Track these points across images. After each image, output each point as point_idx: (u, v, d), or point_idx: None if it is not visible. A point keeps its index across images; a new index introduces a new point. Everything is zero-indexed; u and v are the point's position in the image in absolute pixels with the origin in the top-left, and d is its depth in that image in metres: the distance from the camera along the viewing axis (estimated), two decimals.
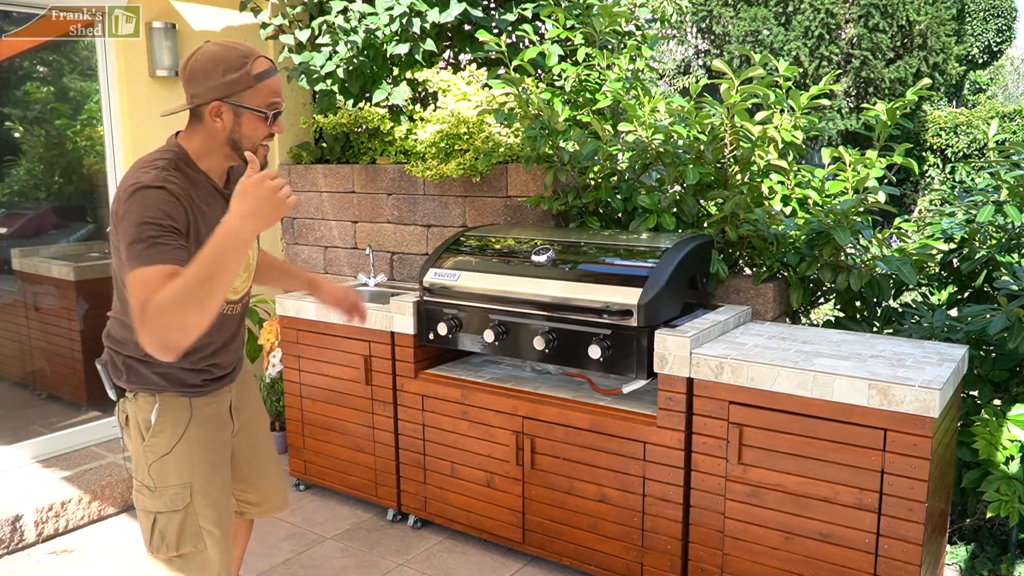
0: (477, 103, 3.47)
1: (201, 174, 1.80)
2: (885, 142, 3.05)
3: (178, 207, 1.67)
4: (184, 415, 1.90)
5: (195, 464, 1.90)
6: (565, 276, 2.69)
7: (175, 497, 1.88)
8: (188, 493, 1.89)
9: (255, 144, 1.79)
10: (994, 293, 3.06)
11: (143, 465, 1.88)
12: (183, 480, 1.88)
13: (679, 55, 12.86)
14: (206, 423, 1.94)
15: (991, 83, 19.28)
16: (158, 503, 1.88)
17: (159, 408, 1.87)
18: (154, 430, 1.87)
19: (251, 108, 1.74)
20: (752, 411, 2.33)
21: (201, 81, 1.73)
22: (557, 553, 2.84)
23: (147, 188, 1.65)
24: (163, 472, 1.87)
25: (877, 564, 2.18)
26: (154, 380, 1.87)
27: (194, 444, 1.90)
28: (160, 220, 1.62)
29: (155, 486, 1.87)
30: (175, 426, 1.88)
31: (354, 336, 3.26)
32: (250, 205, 1.49)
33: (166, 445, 1.88)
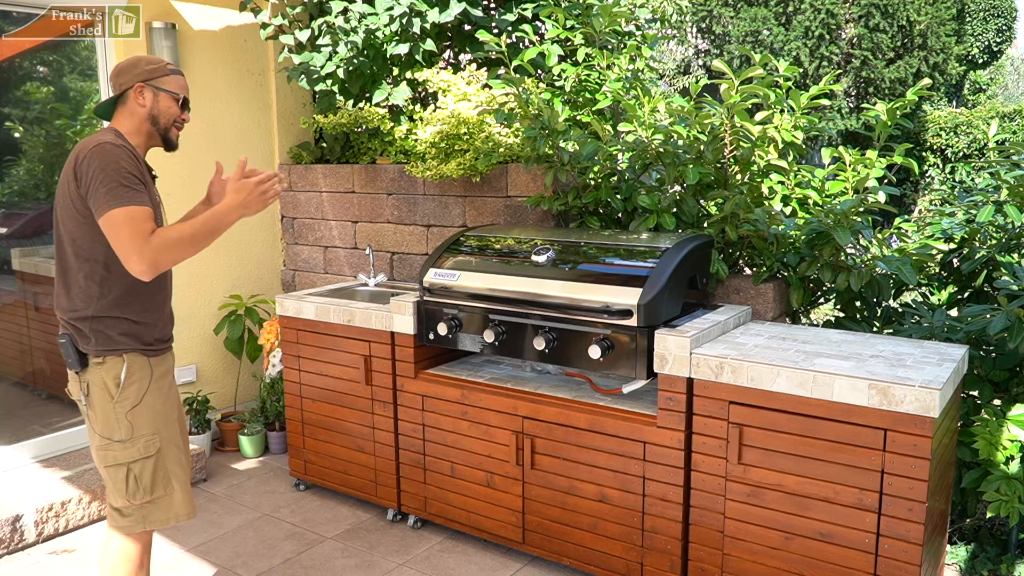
0: (477, 103, 3.47)
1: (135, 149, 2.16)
2: (885, 142, 3.05)
3: (136, 163, 2.08)
4: (147, 371, 2.18)
5: (159, 414, 2.19)
6: (565, 276, 2.69)
7: (147, 444, 2.16)
8: (158, 439, 2.18)
9: (170, 121, 2.22)
10: (994, 293, 3.06)
11: (114, 420, 2.14)
12: (153, 428, 2.17)
13: (679, 55, 12.85)
14: (162, 379, 2.23)
15: (991, 83, 19.27)
16: (131, 452, 2.15)
17: (127, 366, 2.14)
18: (124, 385, 2.14)
19: (166, 90, 2.20)
20: (752, 411, 2.33)
21: (127, 72, 2.18)
22: (557, 553, 2.84)
23: (113, 145, 2.04)
24: (135, 422, 2.14)
25: (877, 564, 2.18)
26: (121, 341, 2.13)
27: (157, 397, 2.19)
28: (132, 171, 2.04)
29: (128, 436, 2.14)
30: (141, 380, 2.16)
31: (354, 336, 3.26)
32: (243, 199, 2.12)
33: (136, 397, 2.15)
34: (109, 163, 2.01)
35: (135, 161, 2.08)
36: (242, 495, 3.62)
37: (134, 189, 2.02)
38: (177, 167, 3.93)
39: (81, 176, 2.02)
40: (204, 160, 4.04)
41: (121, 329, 2.14)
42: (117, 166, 2.01)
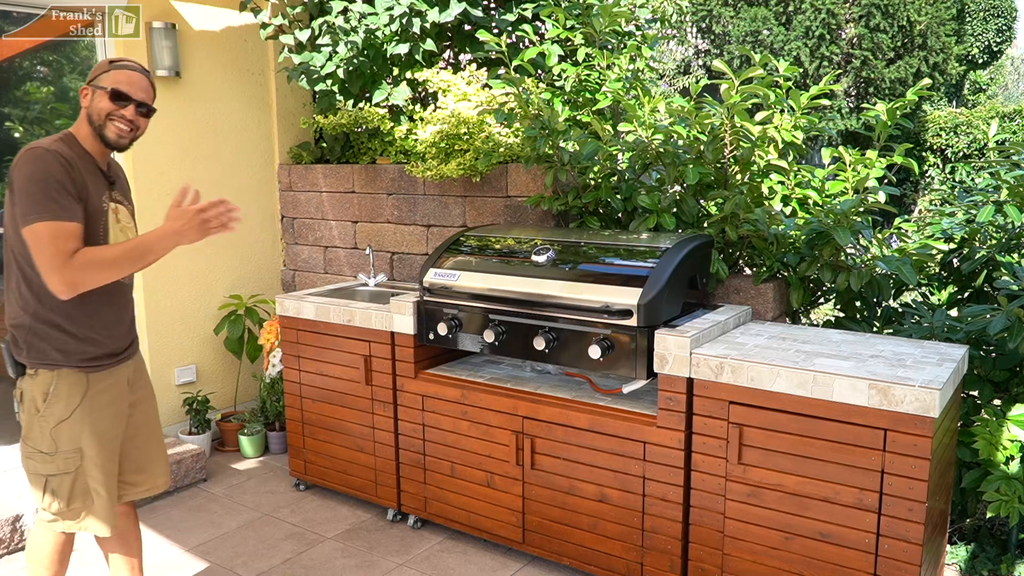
0: (477, 103, 3.47)
1: (86, 153, 2.13)
2: (885, 142, 3.05)
3: (70, 170, 2.00)
4: (80, 388, 2.12)
5: (86, 432, 2.13)
6: (565, 276, 2.69)
7: (67, 461, 2.13)
8: (79, 457, 2.14)
9: (102, 117, 2.10)
10: (994, 293, 3.06)
11: (38, 433, 2.12)
12: (75, 445, 2.12)
13: (679, 55, 12.85)
14: (101, 395, 2.16)
15: (991, 83, 19.27)
16: (50, 467, 2.12)
17: (56, 382, 2.10)
18: (50, 400, 2.10)
19: (99, 86, 2.11)
20: (752, 411, 2.33)
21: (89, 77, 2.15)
22: (557, 553, 2.84)
23: (45, 151, 1.99)
24: (58, 438, 2.11)
25: (877, 564, 2.18)
26: (53, 356, 2.09)
27: (87, 414, 2.13)
28: (63, 180, 1.97)
29: (50, 451, 2.11)
30: (70, 397, 2.11)
31: (354, 336, 3.26)
32: (179, 227, 2.00)
33: (61, 414, 2.11)
34: (37, 170, 1.94)
35: (67, 168, 2.00)
36: (242, 495, 3.62)
37: (60, 203, 1.94)
38: (177, 167, 3.93)
39: (12, 181, 1.97)
40: (204, 160, 4.04)
41: (56, 344, 2.08)
42: (45, 174, 1.94)
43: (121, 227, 2.19)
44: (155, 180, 3.85)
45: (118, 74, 2.13)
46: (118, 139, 2.13)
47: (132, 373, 2.30)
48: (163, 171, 3.88)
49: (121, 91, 2.11)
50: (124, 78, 2.12)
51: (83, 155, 2.11)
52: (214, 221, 2.00)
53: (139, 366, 2.36)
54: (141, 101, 2.15)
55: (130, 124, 2.14)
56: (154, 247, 2.01)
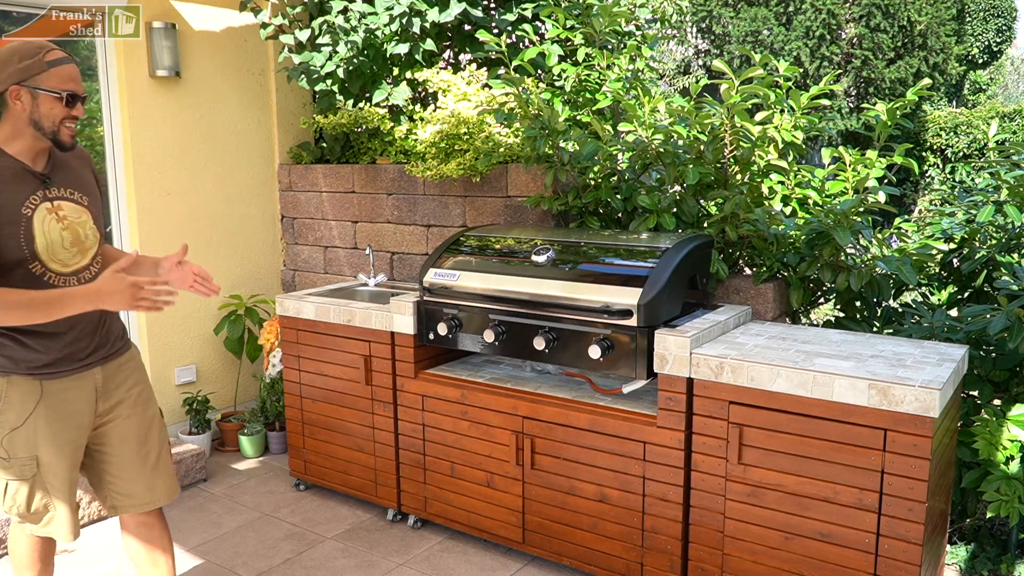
0: (477, 103, 3.47)
1: (8, 158, 1.99)
2: (885, 142, 3.05)
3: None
4: (33, 395, 2.05)
5: (42, 440, 2.07)
6: (565, 276, 2.69)
7: (23, 468, 2.08)
8: (35, 465, 2.09)
9: (56, 123, 1.98)
10: (994, 293, 3.06)
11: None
12: (29, 453, 2.07)
13: (679, 55, 12.85)
14: (58, 404, 2.09)
15: (991, 83, 19.27)
16: (8, 472, 2.08)
17: (7, 389, 2.04)
18: (2, 408, 2.04)
19: (45, 90, 1.95)
20: (752, 411, 2.33)
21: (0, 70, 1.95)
22: (557, 553, 2.84)
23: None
24: (11, 444, 2.06)
25: (877, 564, 2.18)
26: (2, 364, 2.03)
27: (41, 422, 2.06)
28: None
29: (5, 456, 2.07)
30: (23, 404, 2.05)
31: (354, 336, 3.26)
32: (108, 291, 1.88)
33: (16, 420, 2.05)
34: None
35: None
36: (242, 495, 3.62)
37: None
38: (176, 167, 3.93)
39: None
40: (204, 160, 4.05)
41: (5, 351, 2.02)
42: None
43: (65, 224, 2.05)
44: (155, 180, 3.85)
45: (61, 71, 1.97)
46: (72, 140, 2.03)
47: (102, 381, 2.17)
48: (163, 171, 3.88)
49: (73, 91, 1.99)
50: (69, 74, 1.98)
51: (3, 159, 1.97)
52: (147, 300, 1.88)
53: (117, 372, 2.22)
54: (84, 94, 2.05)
55: (76, 121, 2.03)
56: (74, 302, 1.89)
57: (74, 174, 2.14)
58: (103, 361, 2.18)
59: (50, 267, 2.02)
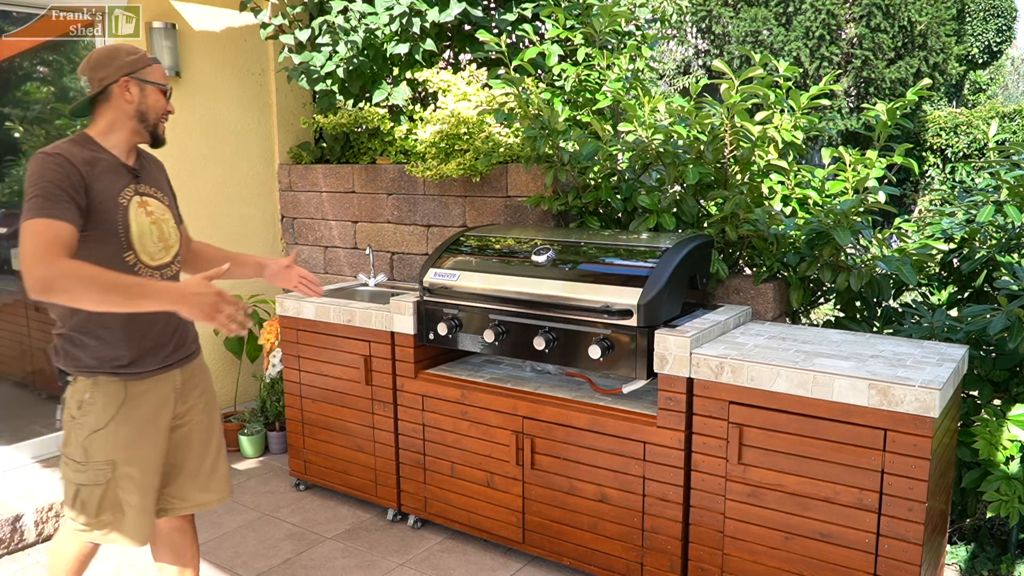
0: (477, 103, 3.47)
1: (104, 151, 2.03)
2: (885, 142, 3.05)
3: (70, 171, 1.90)
4: (117, 397, 2.03)
5: (121, 444, 2.04)
6: (565, 276, 2.69)
7: (98, 473, 2.04)
8: (111, 470, 2.04)
9: (158, 115, 2.08)
10: (994, 293, 3.06)
11: (73, 441, 2.04)
12: (107, 457, 2.03)
13: (679, 55, 12.85)
14: (140, 406, 2.06)
15: (991, 83, 19.27)
16: (81, 476, 2.04)
17: (92, 389, 2.02)
18: (84, 409, 2.02)
19: (153, 82, 2.05)
20: (752, 411, 2.33)
21: (107, 65, 2.01)
22: (557, 553, 2.84)
23: (46, 155, 1.91)
24: (91, 448, 2.02)
25: (877, 564, 2.18)
26: (89, 363, 2.01)
27: (122, 425, 2.04)
28: (58, 182, 1.87)
29: (82, 460, 2.03)
30: (105, 407, 2.02)
31: (354, 336, 3.26)
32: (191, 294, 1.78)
33: (96, 423, 2.02)
34: (34, 174, 1.88)
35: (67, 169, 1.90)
36: (242, 495, 3.62)
37: (52, 201, 1.84)
38: (176, 167, 3.93)
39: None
40: (204, 160, 4.04)
41: (90, 351, 2.01)
42: (39, 177, 1.87)
43: (153, 219, 2.09)
44: None
45: (161, 68, 2.10)
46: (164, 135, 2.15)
47: (181, 383, 2.17)
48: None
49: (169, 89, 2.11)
50: (162, 72, 2.12)
51: (98, 153, 2.01)
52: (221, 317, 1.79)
53: (192, 376, 2.23)
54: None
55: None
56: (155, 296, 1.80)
57: (154, 176, 2.21)
58: (182, 363, 2.17)
59: (141, 258, 2.05)
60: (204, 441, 2.26)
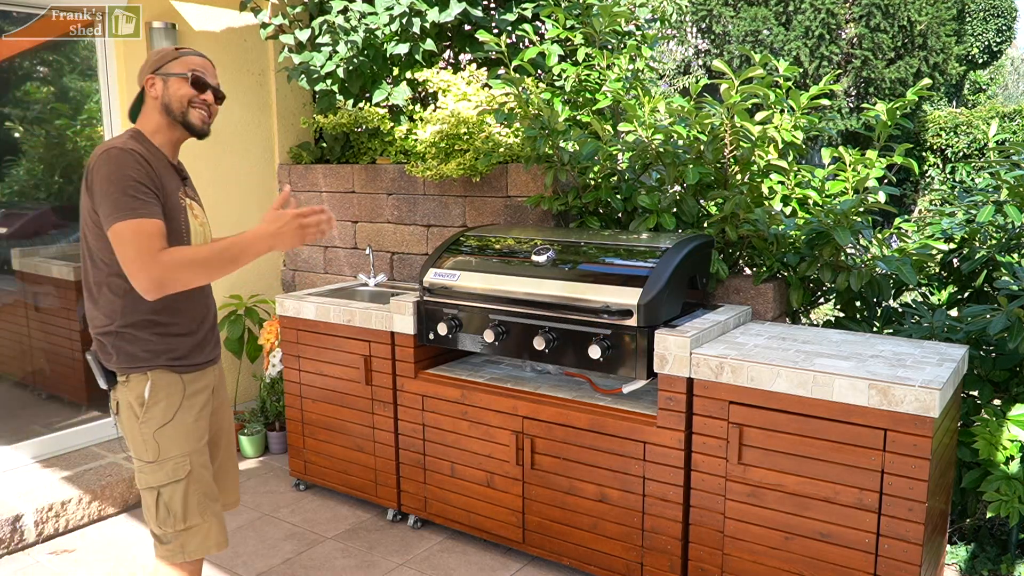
0: (477, 103, 3.47)
1: (156, 149, 2.04)
2: (885, 142, 3.05)
3: (147, 168, 1.92)
4: (177, 388, 2.02)
5: (190, 435, 2.02)
6: (565, 276, 2.69)
7: (176, 467, 1.99)
8: (188, 462, 2.01)
9: (184, 105, 2.03)
10: (994, 293, 3.06)
11: (141, 441, 1.99)
12: (183, 450, 2.00)
13: (679, 55, 12.85)
14: (196, 397, 2.06)
15: (991, 83, 19.27)
16: (160, 475, 1.98)
17: (152, 384, 1.99)
18: (148, 404, 1.98)
19: (174, 73, 2.02)
20: (752, 411, 2.33)
21: (144, 69, 2.06)
22: (557, 553, 2.84)
23: (121, 151, 1.89)
24: (164, 443, 1.98)
25: (877, 564, 2.18)
26: (143, 357, 1.99)
27: (187, 417, 2.03)
28: (141, 179, 1.88)
29: (156, 458, 1.98)
30: (169, 398, 2.00)
31: (354, 336, 3.26)
32: (276, 229, 1.86)
33: (164, 416, 1.99)
34: (114, 170, 1.86)
35: (145, 166, 1.91)
36: (242, 495, 3.62)
37: (141, 199, 1.85)
38: None
39: (91, 185, 1.89)
40: (204, 160, 4.04)
41: (145, 346, 1.99)
42: (122, 174, 1.86)
43: (200, 223, 2.11)
44: None
45: (191, 60, 2.05)
46: (202, 125, 2.07)
47: (215, 379, 2.19)
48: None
49: (201, 76, 2.05)
50: (198, 63, 2.06)
51: (156, 152, 2.02)
52: (312, 228, 1.87)
53: (220, 374, 2.25)
54: (218, 86, 2.12)
55: (208, 110, 2.09)
56: (248, 248, 1.86)
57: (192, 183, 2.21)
58: (216, 360, 2.20)
59: None
60: (227, 442, 2.28)
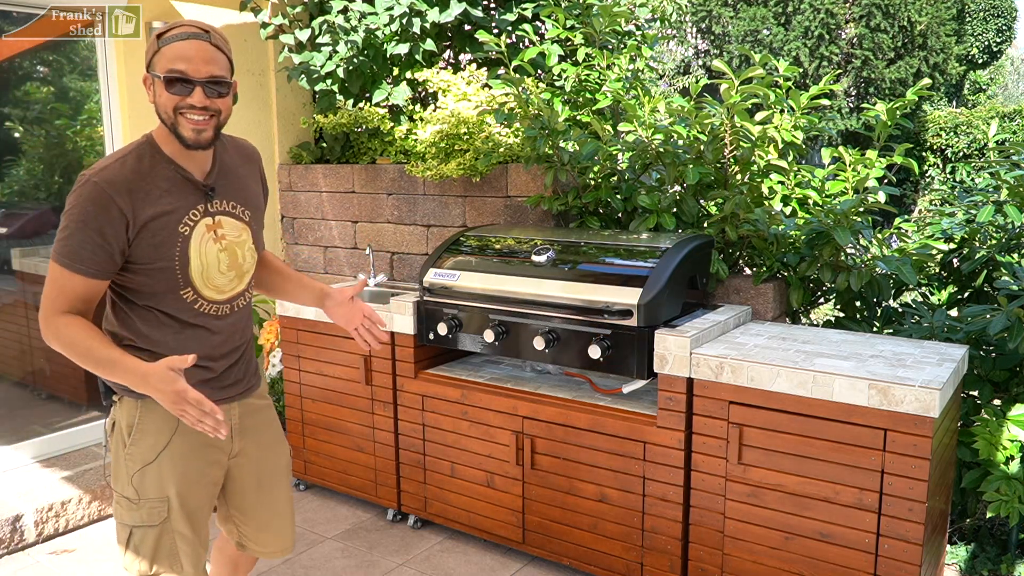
0: (477, 103, 3.47)
1: (168, 162, 1.72)
2: (885, 142, 3.05)
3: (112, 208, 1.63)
4: (169, 424, 1.80)
5: (176, 478, 1.81)
6: (565, 276, 2.69)
7: (152, 511, 1.81)
8: (166, 508, 1.81)
9: (171, 115, 1.65)
10: (994, 293, 3.06)
11: (123, 474, 1.81)
12: (161, 494, 1.81)
13: (679, 55, 12.85)
14: (193, 437, 1.83)
15: (991, 83, 19.28)
16: (135, 516, 1.81)
17: (140, 414, 1.79)
18: (134, 437, 1.79)
19: (155, 74, 1.65)
20: (752, 411, 2.33)
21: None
22: (557, 553, 2.84)
23: (88, 180, 1.64)
24: (142, 483, 1.80)
25: (877, 564, 2.18)
26: None
27: (176, 457, 1.81)
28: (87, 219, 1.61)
29: (135, 497, 1.80)
30: (157, 435, 1.80)
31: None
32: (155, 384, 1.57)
33: (146, 455, 1.80)
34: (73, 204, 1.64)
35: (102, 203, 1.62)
36: None
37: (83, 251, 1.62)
38: None
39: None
40: None
41: None
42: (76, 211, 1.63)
43: (223, 245, 1.81)
44: None
45: (171, 50, 1.63)
46: (197, 136, 1.66)
47: (238, 418, 1.94)
48: None
49: (177, 74, 1.62)
50: (179, 53, 1.63)
51: (159, 168, 1.71)
52: (187, 416, 1.57)
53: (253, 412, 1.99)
54: (208, 78, 1.64)
55: (204, 112, 1.65)
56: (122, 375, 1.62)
57: (239, 183, 1.88)
58: (241, 396, 1.94)
59: (203, 294, 1.79)
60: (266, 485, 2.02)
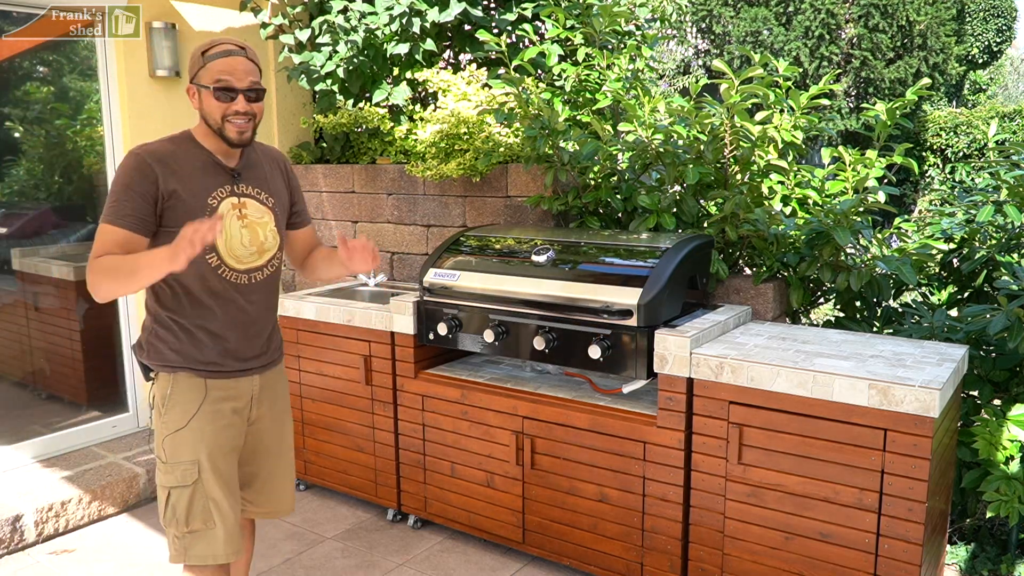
0: (477, 103, 3.47)
1: (202, 149, 2.02)
2: (885, 142, 3.05)
3: (147, 169, 1.91)
4: (198, 394, 2.02)
5: (205, 443, 2.01)
6: (565, 276, 2.69)
7: (185, 473, 2.00)
8: (196, 470, 2.00)
9: (218, 118, 1.95)
10: (994, 293, 3.06)
11: (160, 440, 2.03)
12: (192, 456, 2.00)
13: (679, 55, 12.85)
14: (220, 405, 2.04)
15: (991, 83, 19.28)
16: (170, 478, 2.01)
17: (173, 385, 2.01)
18: (168, 406, 2.01)
19: (203, 86, 1.95)
20: (752, 411, 2.33)
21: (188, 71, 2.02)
22: (557, 553, 2.84)
23: (132, 152, 1.94)
24: (174, 447, 2.00)
25: (877, 564, 2.18)
26: (170, 357, 2.01)
27: (205, 423, 2.02)
28: (133, 185, 1.89)
29: (167, 460, 2.01)
30: (187, 404, 2.01)
31: (354, 336, 3.26)
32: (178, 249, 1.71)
33: (178, 421, 2.01)
34: (119, 172, 1.92)
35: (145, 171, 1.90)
36: None
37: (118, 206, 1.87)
38: None
39: None
40: None
41: (171, 345, 2.01)
42: (119, 177, 1.91)
43: (246, 223, 2.04)
44: None
45: (216, 65, 1.93)
46: (240, 137, 1.97)
47: (258, 388, 2.14)
48: None
49: (226, 86, 1.93)
50: (224, 67, 1.93)
51: (193, 151, 1.99)
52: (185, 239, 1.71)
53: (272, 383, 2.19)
54: (249, 87, 1.96)
55: (245, 116, 1.96)
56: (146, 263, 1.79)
57: (263, 174, 2.13)
58: (262, 369, 2.14)
59: (226, 261, 2.01)
60: (276, 448, 2.23)
